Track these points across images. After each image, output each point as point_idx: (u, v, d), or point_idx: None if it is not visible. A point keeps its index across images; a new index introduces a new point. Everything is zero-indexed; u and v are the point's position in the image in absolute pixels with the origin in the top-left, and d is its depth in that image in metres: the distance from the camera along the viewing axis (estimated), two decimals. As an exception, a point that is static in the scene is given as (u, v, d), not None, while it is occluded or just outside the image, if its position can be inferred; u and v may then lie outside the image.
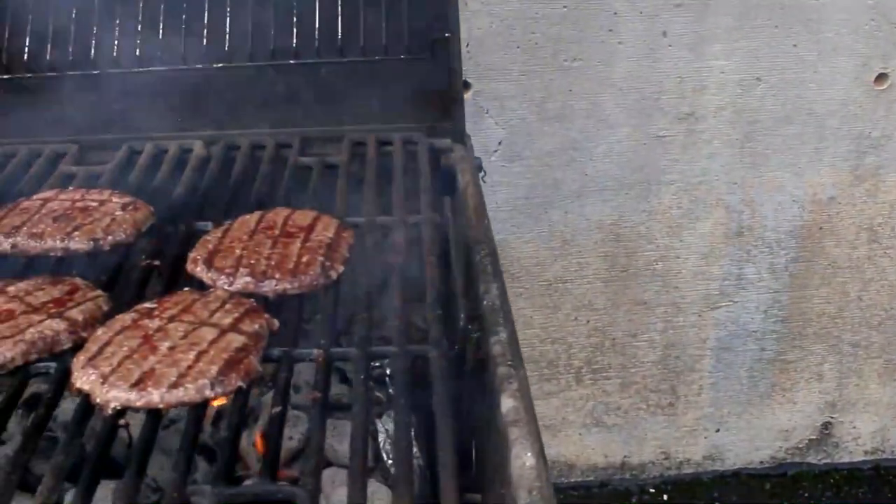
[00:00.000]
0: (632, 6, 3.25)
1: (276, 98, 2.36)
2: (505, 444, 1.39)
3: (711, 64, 3.34)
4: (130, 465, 1.31)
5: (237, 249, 1.72)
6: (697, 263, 3.59)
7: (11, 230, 1.80)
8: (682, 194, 3.48)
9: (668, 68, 3.33)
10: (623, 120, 3.38)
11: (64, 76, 2.36)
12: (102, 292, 1.64)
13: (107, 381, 1.41)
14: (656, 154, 3.42)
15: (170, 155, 2.15)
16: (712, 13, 3.27)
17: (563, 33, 3.26)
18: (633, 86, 3.34)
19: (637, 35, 3.28)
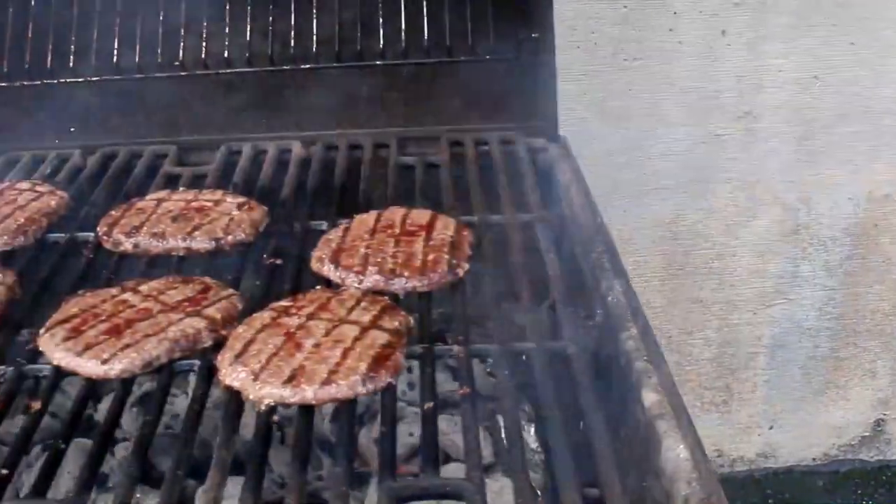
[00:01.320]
0: (692, 6, 3.27)
1: (363, 98, 2.37)
2: (652, 437, 1.41)
3: (769, 62, 3.36)
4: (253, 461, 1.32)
5: (361, 248, 1.74)
6: (753, 261, 3.60)
7: (132, 230, 1.82)
8: (739, 192, 3.49)
9: (726, 67, 3.35)
10: (682, 119, 3.39)
11: (153, 78, 2.38)
12: (234, 291, 1.65)
13: (258, 379, 1.42)
14: (714, 152, 3.44)
15: (270, 155, 2.16)
16: (771, 12, 3.29)
17: (624, 33, 3.28)
18: (692, 85, 3.35)
19: (697, 34, 3.30)
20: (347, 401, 1.42)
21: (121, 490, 1.29)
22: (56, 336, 1.54)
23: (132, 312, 1.59)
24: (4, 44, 2.43)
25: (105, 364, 1.48)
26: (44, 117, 2.39)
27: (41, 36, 2.42)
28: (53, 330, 1.56)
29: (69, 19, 2.42)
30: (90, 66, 2.40)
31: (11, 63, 2.41)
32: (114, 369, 1.47)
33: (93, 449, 1.36)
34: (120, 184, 2.08)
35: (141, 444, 1.37)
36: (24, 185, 2.02)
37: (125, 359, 1.48)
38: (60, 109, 2.39)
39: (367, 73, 2.38)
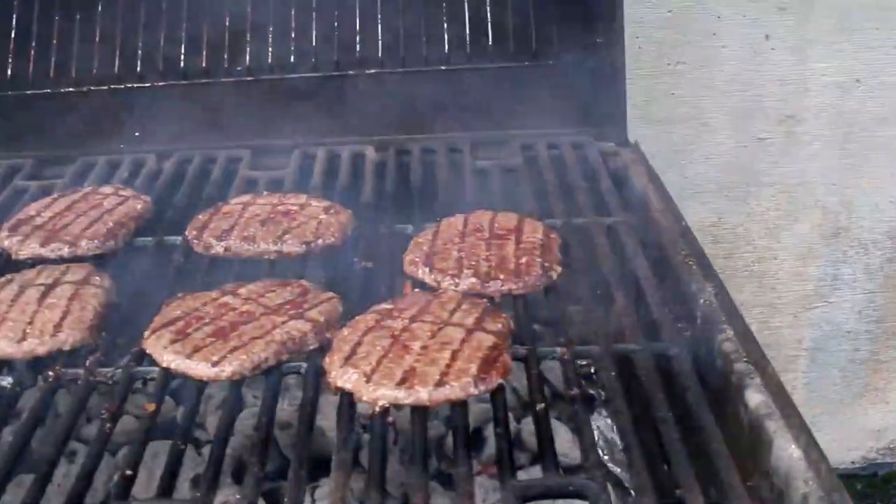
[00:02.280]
0: (735, 10, 3.29)
1: (430, 103, 2.39)
2: (761, 437, 1.42)
3: (812, 66, 3.37)
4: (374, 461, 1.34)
5: (453, 251, 1.76)
6: (794, 265, 3.62)
7: (222, 234, 1.83)
8: (781, 196, 3.51)
9: (769, 71, 3.36)
10: (724, 123, 3.41)
11: (221, 83, 2.40)
12: (333, 294, 1.67)
13: (371, 380, 1.44)
14: (756, 156, 3.46)
15: (344, 159, 2.18)
16: (814, 16, 3.31)
17: (668, 37, 3.29)
18: (735, 89, 3.37)
19: (740, 38, 3.32)
20: (459, 402, 1.43)
21: (248, 490, 1.30)
22: (162, 338, 1.55)
23: (235, 315, 1.60)
24: (72, 49, 2.44)
25: (216, 366, 1.49)
26: (111, 122, 2.41)
27: (108, 41, 2.43)
28: (159, 332, 1.57)
29: (136, 25, 2.43)
30: (157, 71, 2.41)
31: (79, 68, 2.42)
32: (225, 371, 1.49)
33: (215, 450, 1.38)
34: (199, 188, 2.09)
35: (265, 445, 1.38)
36: (108, 189, 2.03)
37: (235, 361, 1.49)
38: (128, 114, 2.40)
39: (432, 77, 2.40)
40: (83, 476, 1.34)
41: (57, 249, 1.84)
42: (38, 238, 1.86)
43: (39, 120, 2.35)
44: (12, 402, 1.51)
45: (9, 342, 1.57)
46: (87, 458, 1.38)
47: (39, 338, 1.57)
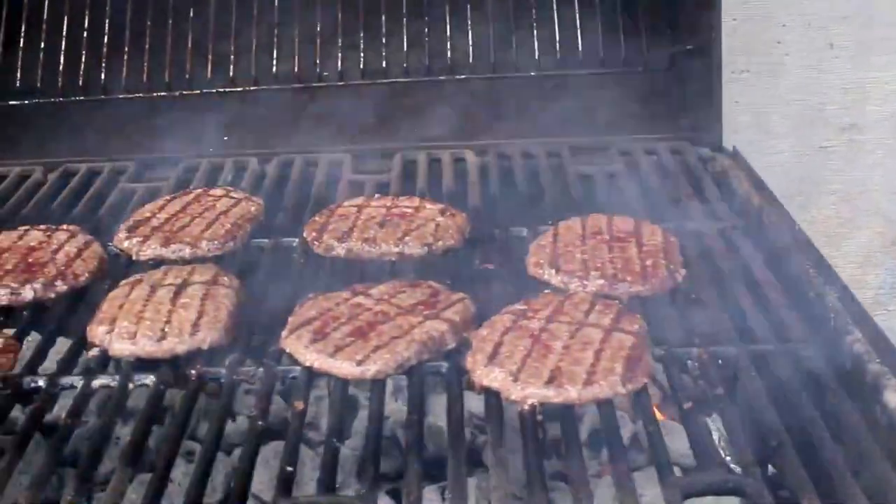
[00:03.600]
0: (800, 19, 3.30)
1: (519, 108, 2.41)
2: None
3: (875, 75, 3.39)
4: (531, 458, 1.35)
5: (577, 254, 1.77)
6: (853, 273, 3.63)
7: (342, 235, 1.85)
8: (842, 204, 3.52)
9: (832, 79, 3.38)
10: (787, 131, 3.42)
11: (313, 87, 2.42)
12: (464, 294, 1.69)
13: (518, 379, 1.46)
14: (818, 164, 3.47)
15: (445, 163, 2.20)
16: (878, 25, 3.32)
17: (732, 45, 3.30)
18: (798, 97, 3.39)
19: (804, 46, 3.33)
20: (607, 401, 1.45)
21: (411, 487, 1.32)
22: (303, 338, 1.57)
23: (370, 315, 1.62)
24: (164, 56, 2.47)
25: (360, 365, 1.51)
26: (201, 126, 2.43)
27: (199, 47, 2.46)
28: (298, 332, 1.59)
29: (227, 31, 2.46)
30: (250, 76, 2.44)
31: (174, 73, 2.45)
32: (370, 370, 1.51)
33: (372, 447, 1.39)
34: (306, 190, 2.11)
35: (419, 442, 1.40)
36: (218, 191, 2.05)
37: (379, 360, 1.51)
38: (222, 118, 2.43)
39: (521, 83, 2.42)
40: (244, 474, 1.35)
41: (178, 251, 1.86)
42: (159, 239, 1.88)
43: (138, 123, 2.37)
44: (158, 400, 1.53)
45: (149, 341, 1.58)
46: (244, 455, 1.39)
47: (179, 337, 1.59)
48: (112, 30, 2.50)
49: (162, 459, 1.39)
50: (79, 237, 1.92)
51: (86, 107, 2.47)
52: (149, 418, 1.49)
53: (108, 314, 1.66)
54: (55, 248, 1.87)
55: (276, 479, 1.35)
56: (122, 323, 1.62)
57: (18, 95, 2.51)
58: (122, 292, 1.72)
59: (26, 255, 1.86)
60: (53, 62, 2.50)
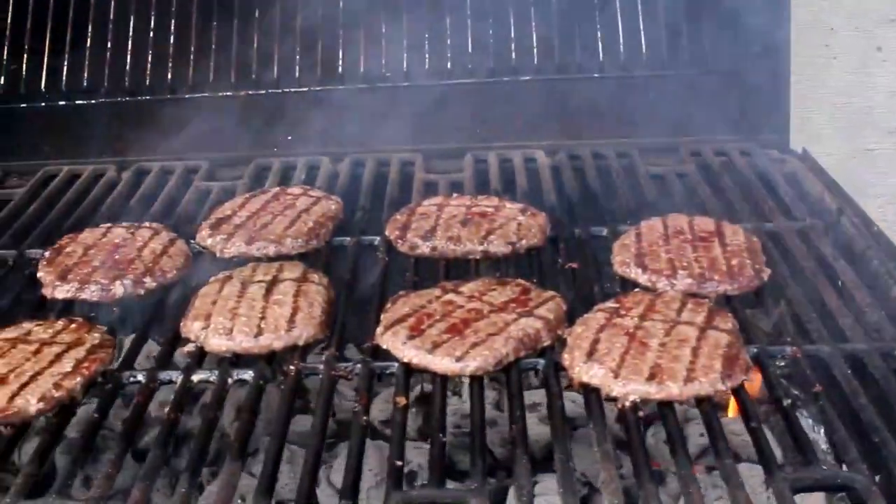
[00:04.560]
0: (849, 22, 3.31)
1: (584, 109, 2.43)
2: None
3: (923, 79, 3.40)
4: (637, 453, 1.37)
5: (662, 252, 1.79)
6: (898, 276, 3.64)
7: (426, 234, 1.87)
8: (888, 207, 3.53)
9: (880, 83, 3.38)
10: (833, 133, 3.43)
11: (378, 88, 2.44)
12: (554, 293, 1.70)
13: (619, 376, 1.47)
14: (865, 167, 3.48)
15: (517, 163, 2.22)
16: (927, 28, 3.34)
17: (781, 49, 3.33)
18: (846, 100, 3.40)
19: (852, 50, 3.34)
20: (707, 397, 1.46)
21: (521, 478, 1.33)
22: (399, 334, 1.59)
23: (463, 312, 1.64)
24: (231, 56, 2.49)
25: (460, 361, 1.52)
26: (268, 125, 2.46)
27: (265, 48, 2.48)
28: (394, 328, 1.61)
29: (292, 31, 2.48)
30: (315, 77, 2.46)
31: (240, 74, 2.47)
32: (469, 367, 1.52)
33: (479, 442, 1.41)
34: (380, 189, 2.13)
35: (525, 439, 1.42)
36: (297, 190, 2.07)
37: (479, 357, 1.53)
38: (287, 118, 2.45)
39: (586, 84, 2.44)
40: (353, 468, 1.37)
41: (262, 248, 1.88)
42: (242, 237, 1.90)
43: (205, 122, 2.39)
44: (258, 395, 1.54)
45: (245, 337, 1.60)
46: (351, 449, 1.40)
47: (275, 333, 1.61)
48: (178, 29, 2.51)
49: (271, 455, 1.40)
50: (162, 234, 1.94)
51: (153, 106, 2.48)
52: (252, 413, 1.50)
53: (202, 310, 1.68)
54: (140, 245, 1.89)
55: (387, 475, 1.36)
56: (217, 319, 1.64)
57: (85, 95, 2.53)
58: (213, 289, 1.74)
59: (112, 251, 1.88)
60: (120, 62, 2.52)
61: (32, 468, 1.42)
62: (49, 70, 2.54)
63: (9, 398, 1.49)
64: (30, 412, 1.48)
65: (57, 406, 1.51)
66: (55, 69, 2.55)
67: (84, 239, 1.93)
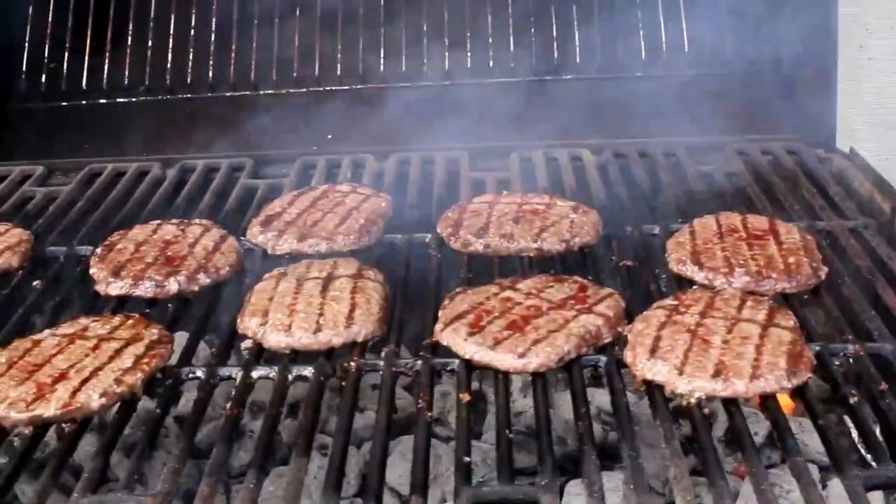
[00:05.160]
0: (885, 23, 3.29)
1: (627, 108, 2.42)
2: None
3: (960, 78, 3.39)
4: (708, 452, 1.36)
5: (717, 250, 1.79)
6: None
7: (478, 231, 1.87)
8: (921, 208, 3.52)
9: (916, 83, 3.38)
10: (867, 135, 3.42)
11: (417, 87, 2.44)
12: (612, 290, 1.70)
13: (683, 373, 1.47)
14: (898, 167, 3.47)
15: (562, 162, 2.21)
16: (963, 27, 3.32)
17: (816, 49, 3.32)
18: (881, 101, 3.39)
19: (888, 51, 3.33)
20: (768, 394, 1.46)
21: (592, 475, 1.33)
22: (459, 331, 1.58)
23: (522, 309, 1.63)
24: (272, 53, 2.49)
25: (522, 358, 1.52)
26: (310, 123, 2.46)
27: (306, 46, 2.49)
28: (454, 325, 1.60)
29: (333, 31, 2.48)
30: (357, 76, 2.46)
31: (281, 72, 2.48)
32: (532, 363, 1.52)
33: (546, 439, 1.41)
34: (427, 187, 2.13)
35: (591, 435, 1.41)
36: (345, 187, 2.07)
37: (541, 353, 1.52)
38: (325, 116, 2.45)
39: (628, 84, 2.43)
40: (422, 463, 1.37)
41: (314, 245, 1.88)
42: (294, 234, 1.90)
43: (247, 120, 2.39)
44: (320, 391, 1.54)
45: (305, 333, 1.60)
46: (417, 445, 1.40)
47: (334, 329, 1.60)
48: (219, 28, 2.52)
49: (337, 450, 1.40)
50: (213, 231, 1.94)
51: (194, 104, 2.49)
52: (315, 410, 1.50)
53: (259, 307, 1.68)
54: (192, 242, 1.89)
55: (455, 470, 1.36)
56: (274, 315, 1.64)
57: (126, 93, 2.53)
58: (269, 285, 1.74)
59: (164, 248, 1.88)
60: (161, 60, 2.53)
61: (98, 463, 1.42)
62: (90, 68, 2.54)
63: (71, 393, 1.49)
64: (92, 408, 1.48)
65: (118, 402, 1.51)
66: (96, 67, 2.56)
67: (135, 235, 1.93)
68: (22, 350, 1.61)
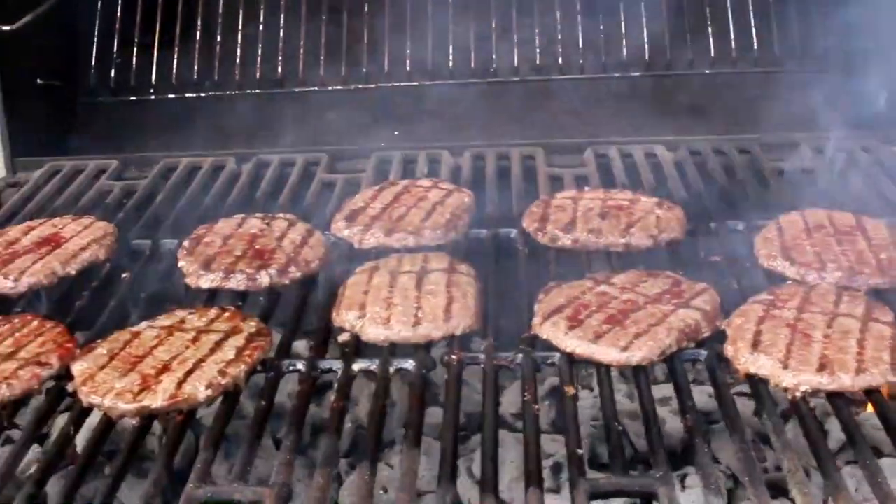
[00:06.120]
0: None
1: (699, 105, 2.43)
2: None
3: None
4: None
5: (806, 246, 1.79)
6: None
7: (566, 226, 1.88)
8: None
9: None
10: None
11: (474, 83, 2.46)
12: (706, 285, 1.70)
13: (788, 367, 1.47)
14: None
15: (638, 158, 2.22)
16: None
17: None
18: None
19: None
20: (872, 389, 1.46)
21: (707, 466, 1.34)
22: (559, 325, 1.59)
23: (619, 303, 1.64)
24: (341, 51, 2.51)
25: (625, 351, 1.53)
26: (369, 120, 2.47)
27: (374, 44, 2.50)
28: (553, 319, 1.61)
29: (401, 28, 2.50)
30: (426, 72, 2.47)
31: (350, 69, 2.49)
32: (635, 356, 1.53)
33: (657, 431, 1.42)
34: (505, 182, 2.14)
35: (700, 428, 1.42)
36: (426, 182, 2.08)
37: (644, 347, 1.54)
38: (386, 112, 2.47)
39: (697, 79, 2.44)
40: (534, 456, 1.38)
41: (402, 239, 1.89)
42: (381, 228, 1.91)
43: (318, 116, 2.41)
44: (424, 384, 1.55)
45: (404, 326, 1.61)
46: (529, 437, 1.41)
47: (433, 322, 1.62)
48: (287, 26, 2.53)
49: (449, 441, 1.41)
50: (298, 225, 1.95)
51: (262, 100, 2.50)
52: (422, 402, 1.51)
53: (355, 300, 1.69)
54: (279, 236, 1.90)
55: (569, 462, 1.37)
56: (373, 308, 1.65)
57: (195, 88, 2.55)
58: (362, 279, 1.75)
59: (251, 241, 1.89)
60: (230, 57, 2.54)
61: (208, 455, 1.43)
62: (159, 64, 2.56)
63: (177, 385, 1.50)
64: (198, 399, 1.50)
65: (223, 393, 1.53)
66: (164, 64, 2.57)
67: (220, 229, 1.95)
68: (122, 342, 1.62)
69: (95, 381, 1.53)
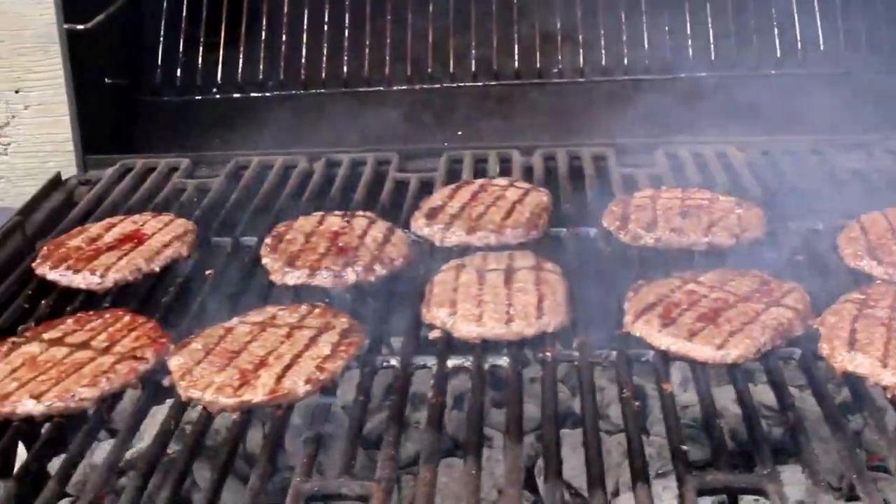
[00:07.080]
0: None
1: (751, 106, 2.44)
2: None
3: None
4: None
5: (891, 245, 1.80)
6: None
7: (648, 225, 1.89)
8: None
9: None
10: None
11: (552, 84, 2.46)
12: (794, 283, 1.71)
13: (887, 365, 1.48)
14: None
15: (709, 158, 2.23)
16: None
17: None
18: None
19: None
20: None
21: (814, 464, 1.35)
22: (652, 322, 1.60)
23: (710, 301, 1.65)
24: (407, 49, 2.52)
25: (721, 349, 1.54)
26: (433, 120, 2.49)
27: (420, 43, 2.51)
28: (645, 317, 1.62)
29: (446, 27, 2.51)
30: (490, 72, 2.49)
31: (415, 69, 2.50)
32: (730, 355, 1.54)
33: (758, 429, 1.42)
34: (578, 182, 2.15)
35: (803, 425, 1.43)
36: (502, 181, 2.09)
37: (740, 345, 1.54)
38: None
39: (763, 80, 2.45)
40: (639, 454, 1.38)
41: (484, 238, 1.90)
42: (462, 226, 1.92)
43: (382, 116, 2.42)
44: (520, 380, 1.56)
45: (496, 323, 1.62)
46: (632, 434, 1.42)
47: (525, 320, 1.62)
48: (352, 24, 2.54)
49: (552, 437, 1.42)
50: (379, 223, 1.96)
51: (329, 99, 2.52)
52: (520, 398, 1.52)
53: (445, 297, 1.70)
54: (360, 234, 1.91)
55: (673, 459, 1.38)
56: (464, 305, 1.66)
57: (260, 87, 2.56)
58: (450, 276, 1.76)
59: (334, 239, 1.90)
60: (295, 55, 2.56)
61: (311, 450, 1.44)
62: (224, 63, 2.58)
63: (276, 380, 1.51)
64: (298, 394, 1.51)
65: (321, 388, 1.54)
66: (230, 62, 2.58)
67: (301, 226, 1.96)
68: (216, 337, 1.64)
69: (193, 375, 1.54)
